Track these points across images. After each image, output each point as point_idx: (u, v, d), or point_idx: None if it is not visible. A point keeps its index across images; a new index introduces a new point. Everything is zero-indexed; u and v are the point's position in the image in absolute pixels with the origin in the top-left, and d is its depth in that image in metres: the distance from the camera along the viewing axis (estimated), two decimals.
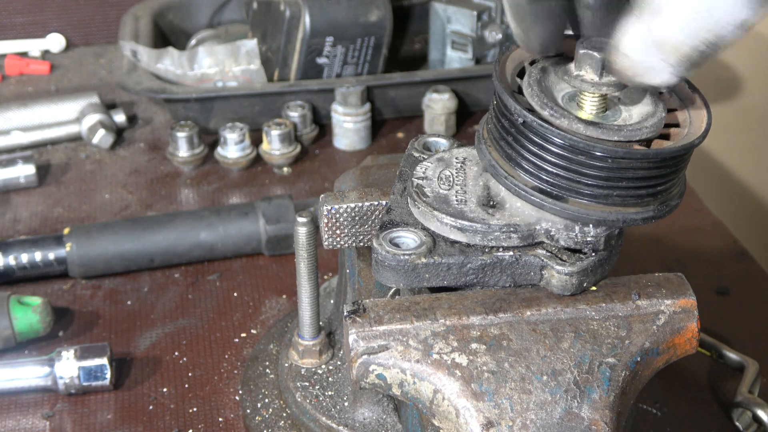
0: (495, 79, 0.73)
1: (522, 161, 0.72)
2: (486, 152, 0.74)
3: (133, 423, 0.97)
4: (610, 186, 0.70)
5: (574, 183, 0.71)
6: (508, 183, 0.73)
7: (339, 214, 0.83)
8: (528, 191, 0.72)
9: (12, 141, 1.38)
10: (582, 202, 0.71)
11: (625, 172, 0.70)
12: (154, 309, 1.12)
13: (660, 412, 0.97)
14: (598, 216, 0.71)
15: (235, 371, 1.03)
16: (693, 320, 0.75)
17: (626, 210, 0.71)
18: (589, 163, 0.70)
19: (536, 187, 0.72)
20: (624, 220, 0.71)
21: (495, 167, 0.73)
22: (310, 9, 1.38)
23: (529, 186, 0.72)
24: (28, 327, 1.03)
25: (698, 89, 0.76)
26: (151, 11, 1.56)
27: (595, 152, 0.69)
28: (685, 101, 0.75)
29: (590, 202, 0.71)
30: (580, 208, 0.71)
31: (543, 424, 0.69)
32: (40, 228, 1.24)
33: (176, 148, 1.35)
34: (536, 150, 0.71)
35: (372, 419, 0.89)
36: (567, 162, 0.70)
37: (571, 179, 0.71)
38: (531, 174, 0.72)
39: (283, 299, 1.13)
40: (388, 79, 1.42)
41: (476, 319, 0.73)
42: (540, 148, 0.71)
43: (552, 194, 0.71)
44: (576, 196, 0.71)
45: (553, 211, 0.72)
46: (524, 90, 0.73)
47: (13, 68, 1.59)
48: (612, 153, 0.69)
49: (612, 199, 0.71)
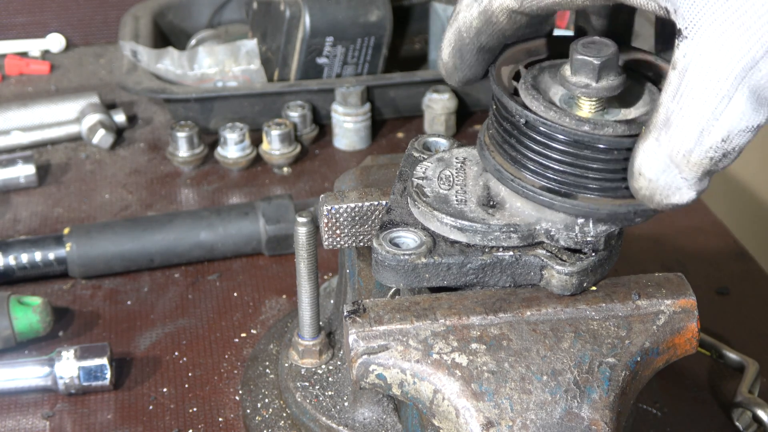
0: (493, 83, 0.73)
1: (527, 162, 0.72)
2: (490, 158, 0.74)
3: (133, 423, 0.97)
4: (619, 178, 0.70)
5: (582, 179, 0.71)
6: (515, 186, 0.73)
7: (339, 214, 0.83)
8: (536, 191, 0.72)
9: (12, 141, 1.38)
10: (591, 197, 0.71)
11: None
12: (154, 309, 1.12)
13: (660, 412, 0.97)
14: (608, 210, 0.71)
15: (235, 371, 1.03)
16: (693, 320, 0.75)
17: (636, 201, 0.71)
18: (595, 157, 0.70)
19: (544, 186, 0.72)
20: (635, 212, 0.71)
21: (500, 171, 0.73)
22: (310, 9, 1.38)
23: (536, 186, 0.72)
24: (28, 327, 1.03)
25: None
26: (151, 11, 1.56)
27: (599, 145, 0.69)
28: None
29: (600, 196, 0.71)
30: (590, 203, 0.71)
31: (543, 424, 0.69)
32: (40, 228, 1.24)
33: (176, 148, 1.35)
34: (541, 149, 0.71)
35: (372, 419, 0.89)
36: (573, 158, 0.70)
37: (578, 175, 0.70)
38: (537, 174, 0.72)
39: (283, 299, 1.13)
40: (388, 79, 1.42)
41: (476, 319, 0.73)
42: (544, 147, 0.71)
43: (561, 192, 0.71)
44: (585, 191, 0.71)
45: (563, 209, 0.71)
46: (521, 93, 0.73)
47: (13, 68, 1.59)
48: (618, 144, 0.69)
49: (621, 192, 0.71)
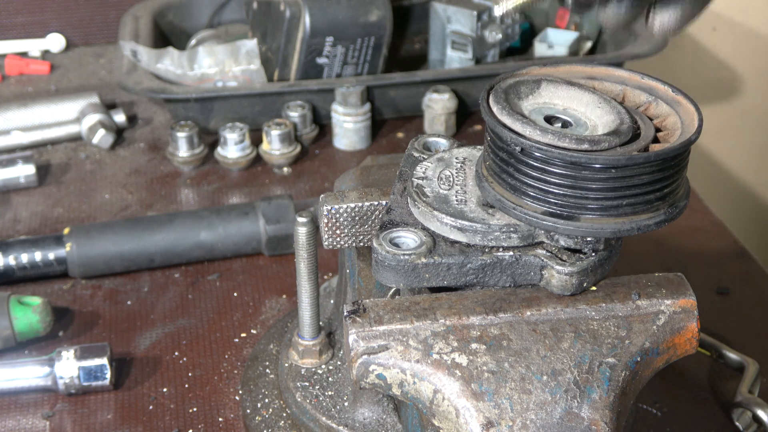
0: (484, 114, 0.73)
1: (527, 189, 0.72)
2: (489, 189, 0.74)
3: (133, 423, 0.97)
4: (619, 196, 0.70)
5: (582, 200, 0.71)
6: (517, 213, 0.73)
7: (339, 214, 0.83)
8: (538, 217, 0.72)
9: (12, 141, 1.38)
10: (594, 218, 0.71)
11: (630, 180, 0.70)
12: (154, 309, 1.12)
13: (660, 412, 0.97)
14: (612, 229, 0.71)
15: (235, 371, 1.03)
16: (693, 320, 0.75)
17: (638, 218, 0.71)
18: (593, 177, 0.70)
19: (546, 211, 0.72)
20: (638, 228, 0.71)
21: (501, 201, 0.73)
22: (310, 9, 1.38)
23: (538, 212, 0.72)
24: (28, 327, 1.03)
25: (681, 90, 0.76)
26: (151, 11, 1.56)
27: (596, 165, 0.69)
28: (672, 105, 0.76)
29: (601, 216, 0.71)
30: (593, 223, 0.71)
31: (543, 424, 0.69)
32: (40, 228, 1.24)
33: (176, 148, 1.35)
34: (539, 174, 0.71)
35: (372, 419, 0.89)
36: (572, 180, 0.70)
37: (578, 197, 0.71)
38: (538, 200, 0.72)
39: (283, 299, 1.13)
40: (388, 79, 1.42)
41: (476, 319, 0.73)
42: (542, 172, 0.71)
43: (563, 215, 0.71)
44: (586, 212, 0.71)
45: (566, 232, 0.72)
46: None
47: (13, 68, 1.59)
48: (614, 162, 0.69)
49: (623, 209, 0.71)
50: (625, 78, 0.78)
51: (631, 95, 0.77)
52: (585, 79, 0.78)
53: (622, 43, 1.49)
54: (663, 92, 0.77)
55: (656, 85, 0.77)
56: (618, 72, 0.79)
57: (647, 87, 0.77)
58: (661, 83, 0.77)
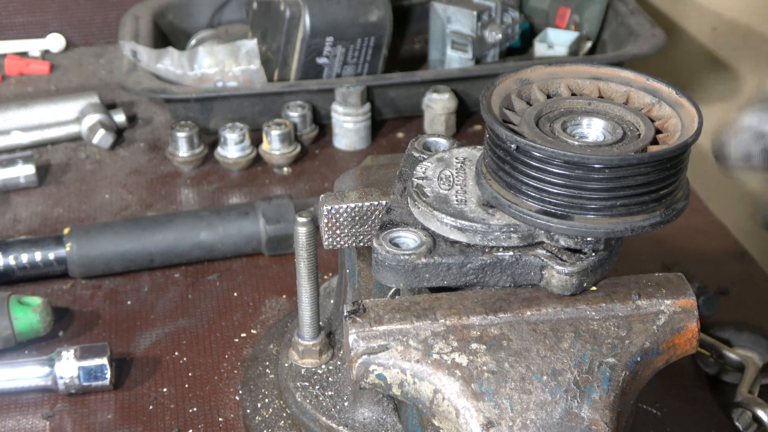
0: (483, 111, 0.74)
1: (523, 187, 0.72)
2: (487, 186, 0.75)
3: (133, 423, 0.97)
4: (613, 197, 0.70)
5: (577, 199, 0.71)
6: (512, 211, 0.73)
7: (339, 214, 0.83)
8: (533, 215, 0.72)
9: (12, 141, 1.38)
10: (588, 217, 0.71)
11: (624, 180, 0.70)
12: (154, 309, 1.12)
13: (660, 412, 0.97)
14: (605, 229, 0.71)
15: (235, 371, 1.03)
16: (693, 320, 0.75)
17: (633, 219, 0.71)
18: (588, 176, 0.70)
19: (541, 209, 0.72)
20: (632, 229, 0.71)
21: (497, 198, 0.74)
22: (310, 9, 1.38)
23: (533, 210, 0.72)
24: (28, 327, 1.03)
25: (685, 93, 0.76)
26: (151, 11, 1.56)
27: (592, 164, 0.69)
28: (674, 107, 0.76)
29: (596, 216, 0.71)
30: (587, 223, 0.71)
31: (543, 424, 0.69)
32: (40, 228, 1.24)
33: (176, 148, 1.35)
34: (534, 173, 0.71)
35: (372, 419, 0.89)
36: (566, 179, 0.70)
37: (573, 196, 0.71)
38: (533, 198, 0.72)
39: (283, 299, 1.13)
40: (388, 79, 1.42)
41: (476, 319, 0.73)
42: (538, 171, 0.71)
43: (557, 214, 0.72)
44: (581, 212, 0.71)
45: (560, 231, 0.72)
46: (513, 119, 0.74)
47: (13, 68, 1.59)
48: (608, 162, 0.69)
49: (617, 210, 0.71)
50: (630, 79, 0.78)
51: (635, 96, 0.77)
52: (590, 80, 0.78)
53: (622, 43, 1.49)
54: (667, 94, 0.77)
55: (661, 87, 0.77)
56: (623, 73, 0.78)
57: (652, 89, 0.77)
58: (665, 85, 0.77)
